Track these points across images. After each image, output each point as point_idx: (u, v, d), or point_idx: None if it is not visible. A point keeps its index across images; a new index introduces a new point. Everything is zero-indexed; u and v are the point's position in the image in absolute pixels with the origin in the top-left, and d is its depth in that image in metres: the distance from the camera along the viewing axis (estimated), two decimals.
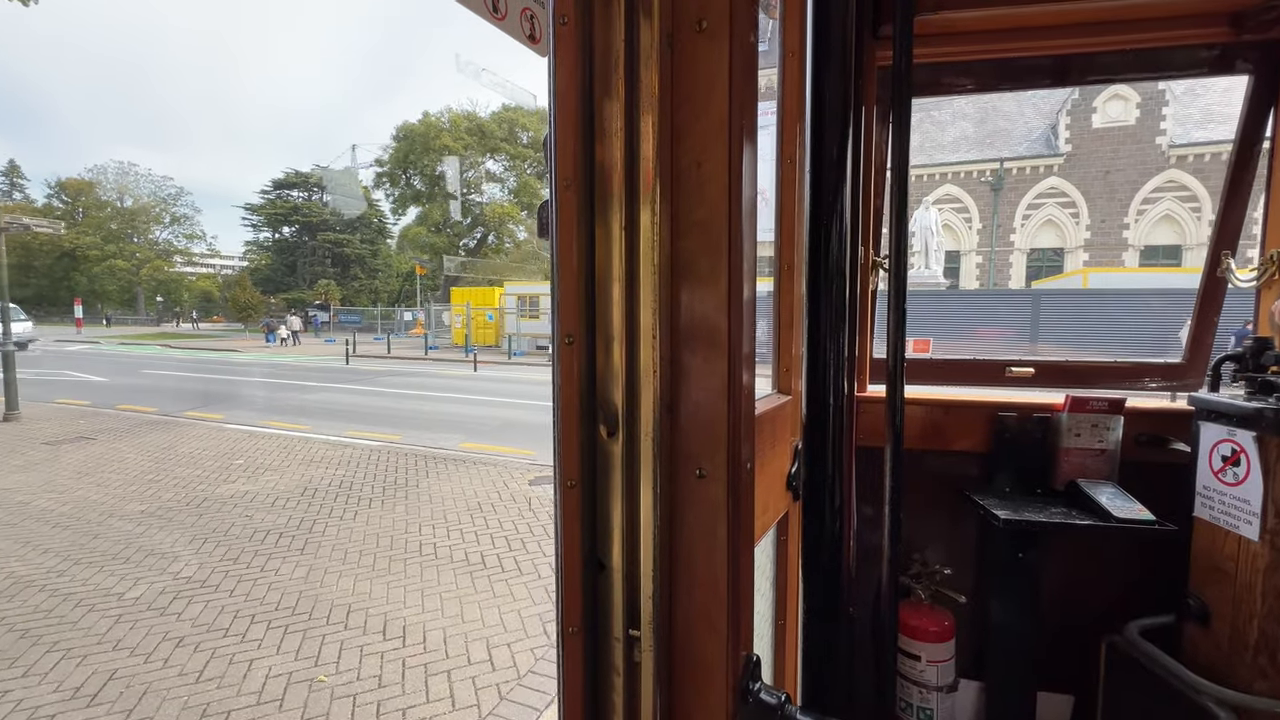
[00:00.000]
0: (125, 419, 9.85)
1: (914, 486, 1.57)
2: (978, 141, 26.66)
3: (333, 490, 5.92)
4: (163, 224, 56.15)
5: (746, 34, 0.67)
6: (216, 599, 3.74)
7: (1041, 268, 25.50)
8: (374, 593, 3.82)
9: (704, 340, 0.66)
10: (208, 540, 4.65)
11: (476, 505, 5.46)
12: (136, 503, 5.56)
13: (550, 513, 5.26)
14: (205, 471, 6.60)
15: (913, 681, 1.61)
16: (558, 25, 0.64)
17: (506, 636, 3.31)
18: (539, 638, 3.30)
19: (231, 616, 3.53)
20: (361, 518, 5.17)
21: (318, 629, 3.39)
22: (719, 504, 0.67)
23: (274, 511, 5.31)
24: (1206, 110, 23.70)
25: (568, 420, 0.67)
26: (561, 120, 0.65)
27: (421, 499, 5.65)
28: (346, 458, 7.22)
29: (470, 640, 3.27)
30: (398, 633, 3.35)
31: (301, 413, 10.74)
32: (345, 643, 3.25)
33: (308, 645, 3.22)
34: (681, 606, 0.69)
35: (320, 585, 3.92)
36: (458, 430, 9.15)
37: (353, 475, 6.45)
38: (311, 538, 4.72)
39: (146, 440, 8.16)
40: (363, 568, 4.18)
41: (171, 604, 3.67)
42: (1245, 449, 1.28)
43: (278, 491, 5.89)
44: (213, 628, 3.41)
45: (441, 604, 3.67)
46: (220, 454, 7.41)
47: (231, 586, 3.90)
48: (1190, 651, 1.40)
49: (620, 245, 0.65)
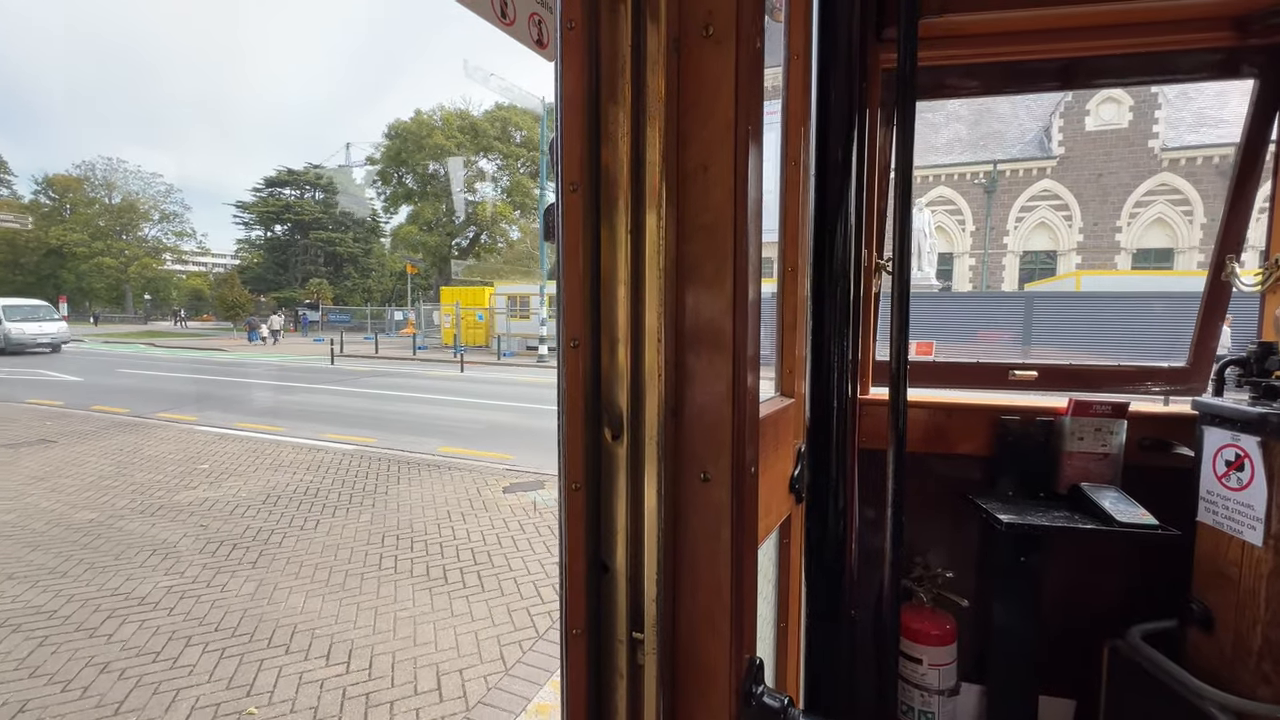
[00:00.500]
0: (94, 420, 9.55)
1: (916, 490, 1.63)
2: (971, 144, 26.59)
3: (297, 497, 5.67)
4: (152, 221, 55.37)
5: (753, 39, 0.68)
6: (153, 618, 3.49)
7: (1035, 270, 25.45)
8: (324, 611, 3.57)
9: (709, 344, 0.67)
10: (155, 552, 4.39)
11: (446, 514, 5.22)
12: (87, 510, 5.29)
13: (521, 522, 5.04)
14: (166, 477, 6.33)
15: (914, 685, 1.60)
16: (565, 30, 0.63)
17: (459, 662, 3.07)
18: (494, 664, 3.07)
19: (166, 638, 3.28)
20: (323, 527, 4.92)
21: (257, 652, 3.15)
22: (723, 507, 0.67)
23: (231, 520, 5.06)
24: (1199, 114, 23.70)
25: (573, 423, 0.67)
26: (568, 124, 0.64)
27: (389, 507, 5.40)
28: (317, 462, 6.96)
29: (420, 666, 3.04)
30: (342, 657, 3.11)
31: (277, 414, 10.46)
32: (284, 668, 3.01)
33: (243, 672, 2.98)
34: (685, 609, 0.69)
35: (268, 603, 3.67)
36: (437, 433, 8.90)
37: (320, 481, 6.20)
38: (267, 549, 4.47)
39: (111, 443, 7.87)
40: (316, 583, 3.94)
41: (103, 624, 3.42)
42: (1250, 454, 1.27)
43: (239, 499, 5.63)
44: (143, 651, 3.16)
45: (395, 624, 3.44)
46: (186, 458, 7.14)
47: (172, 604, 3.65)
48: (1193, 657, 1.39)
49: (626, 249, 0.65)
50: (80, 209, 52.10)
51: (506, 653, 3.17)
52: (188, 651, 3.15)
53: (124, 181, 54.31)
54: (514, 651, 3.17)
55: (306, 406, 11.43)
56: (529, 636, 3.31)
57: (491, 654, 3.15)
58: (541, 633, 3.36)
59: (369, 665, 3.04)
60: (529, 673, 2.99)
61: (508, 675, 2.97)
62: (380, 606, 3.64)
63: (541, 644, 3.25)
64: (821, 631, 1.31)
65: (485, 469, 6.76)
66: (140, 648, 3.19)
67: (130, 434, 8.46)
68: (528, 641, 3.26)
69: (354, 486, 6.01)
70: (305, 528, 4.91)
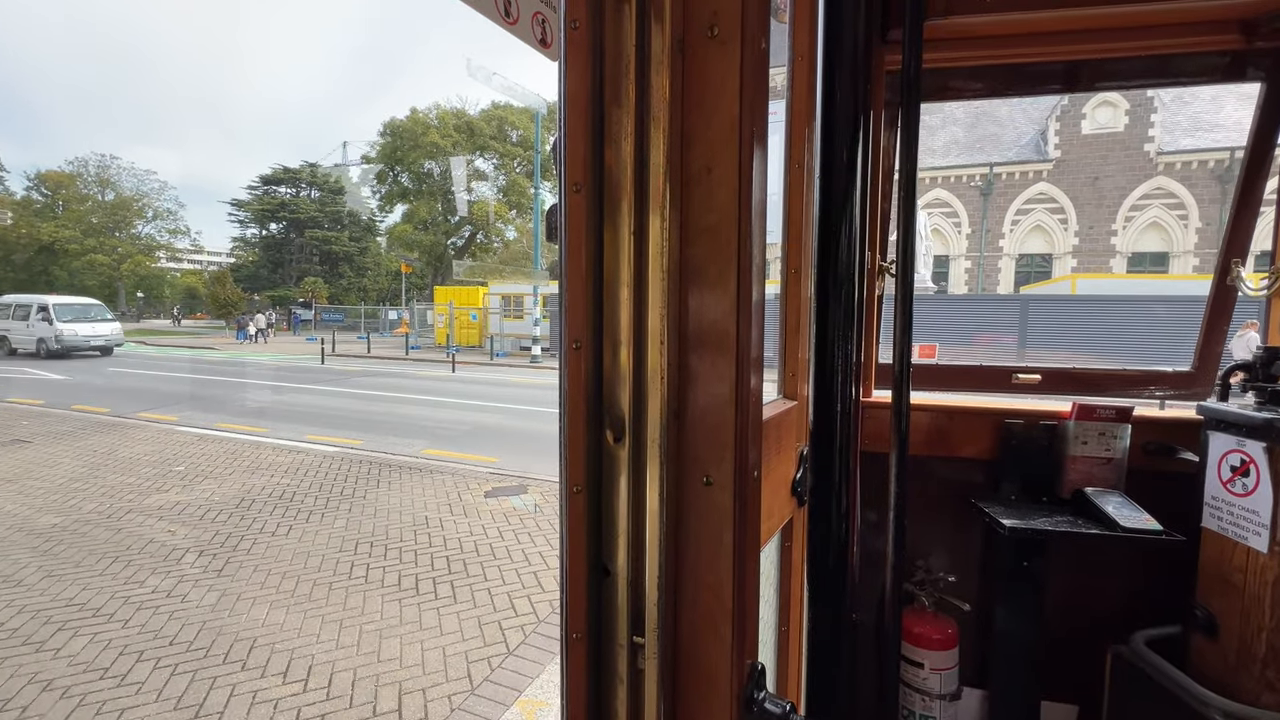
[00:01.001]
0: (73, 420, 9.36)
1: (919, 493, 1.62)
2: (968, 146, 26.55)
3: (271, 501, 5.51)
4: (145, 218, 54.91)
5: (758, 40, 0.67)
6: (106, 631, 3.33)
7: (1030, 273, 25.40)
8: (287, 624, 3.42)
9: (712, 346, 0.66)
10: (117, 559, 4.23)
11: (424, 520, 5.07)
12: (52, 514, 5.12)
13: (501, 529, 4.89)
14: (139, 479, 6.16)
15: (916, 689, 1.59)
16: (569, 30, 0.63)
17: (424, 680, 2.92)
18: (460, 682, 2.92)
19: (117, 653, 3.12)
20: (295, 533, 4.76)
21: (211, 669, 2.99)
22: (725, 510, 0.67)
23: (200, 526, 4.89)
24: (1194, 118, 23.70)
25: (574, 425, 0.66)
26: (571, 124, 0.64)
27: (366, 512, 5.25)
28: (296, 464, 6.80)
29: (381, 684, 2.89)
30: (301, 674, 2.96)
31: (262, 414, 10.28)
32: (238, 686, 2.86)
33: (194, 690, 2.83)
34: (686, 613, 0.69)
35: (229, 614, 3.52)
36: (423, 435, 8.74)
37: (297, 484, 6.04)
38: (234, 557, 4.31)
39: (87, 443, 7.69)
40: (282, 593, 3.79)
41: (53, 637, 3.26)
42: (1255, 460, 1.26)
43: (211, 502, 5.46)
44: (91, 667, 3.00)
45: (359, 638, 3.29)
46: (162, 459, 6.97)
47: (128, 615, 3.49)
48: (1197, 663, 1.38)
49: (629, 250, 0.65)
50: (73, 205, 51.62)
51: (474, 670, 3.02)
52: (138, 667, 3.00)
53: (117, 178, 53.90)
54: (482, 669, 3.02)
55: (292, 407, 11.25)
56: (499, 653, 3.17)
57: (458, 671, 3.01)
58: (512, 649, 3.21)
59: (328, 683, 2.89)
60: (495, 692, 2.84)
61: (473, 695, 2.82)
62: (346, 619, 3.48)
63: (511, 660, 3.10)
64: (823, 635, 1.31)
65: (468, 472, 6.60)
66: (88, 663, 3.03)
67: (108, 434, 8.28)
68: (497, 658, 3.11)
69: (332, 490, 5.85)
70: (277, 534, 4.75)
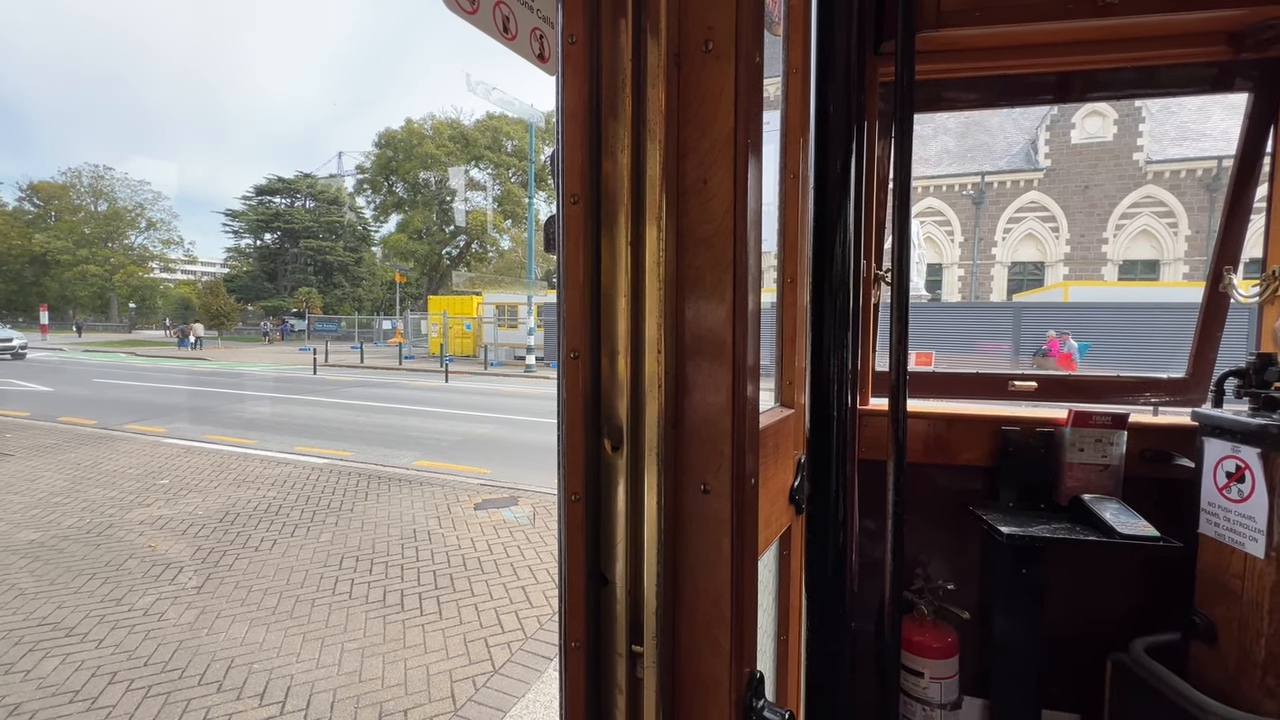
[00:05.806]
0: (58, 432, 9.21)
1: (917, 501, 1.62)
2: (959, 155, 26.76)
3: (257, 515, 5.40)
4: (138, 229, 54.65)
5: (752, 54, 0.68)
6: (79, 652, 3.22)
7: (1023, 281, 25.54)
8: (267, 642, 3.33)
9: (709, 355, 0.67)
10: (94, 576, 4.12)
11: (411, 533, 4.98)
12: (31, 530, 5.00)
13: (490, 542, 4.80)
14: (122, 493, 6.04)
15: (916, 698, 1.58)
16: (566, 45, 0.64)
17: (405, 701, 2.84)
18: (443, 703, 2.83)
19: (89, 675, 3.02)
20: (279, 548, 4.66)
21: (185, 691, 2.89)
22: (723, 519, 0.67)
23: (183, 541, 4.79)
24: (1182, 127, 23.98)
25: (572, 434, 0.67)
26: (569, 137, 0.65)
27: (352, 525, 5.15)
28: (284, 477, 6.69)
29: (362, 706, 2.80)
30: (278, 696, 2.86)
31: (251, 426, 10.16)
32: (213, 709, 2.76)
33: (167, 713, 2.73)
34: (685, 622, 0.69)
35: (207, 633, 3.42)
36: (414, 446, 8.64)
37: (284, 497, 5.93)
38: (215, 573, 4.21)
39: (71, 457, 7.56)
40: (263, 610, 3.69)
41: (23, 658, 3.16)
42: (1250, 466, 1.26)
43: (195, 516, 5.35)
44: (61, 690, 2.90)
45: (341, 657, 3.19)
46: (146, 473, 6.85)
47: (102, 635, 3.39)
48: (1197, 670, 1.38)
49: (626, 260, 0.66)
50: (65, 216, 51.36)
51: (458, 689, 2.93)
52: (110, 690, 2.90)
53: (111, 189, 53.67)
54: (466, 688, 2.94)
55: (283, 418, 11.13)
56: (484, 671, 3.08)
57: (442, 691, 2.92)
58: (498, 667, 3.12)
59: (306, 705, 2.80)
60: (479, 713, 2.76)
61: (456, 716, 2.73)
62: (328, 637, 3.39)
63: (497, 679, 3.02)
64: (822, 644, 1.31)
65: (459, 484, 6.51)
66: (58, 686, 2.93)
67: (93, 447, 8.14)
68: (482, 677, 3.03)
69: (318, 503, 5.75)
70: (260, 548, 4.65)
